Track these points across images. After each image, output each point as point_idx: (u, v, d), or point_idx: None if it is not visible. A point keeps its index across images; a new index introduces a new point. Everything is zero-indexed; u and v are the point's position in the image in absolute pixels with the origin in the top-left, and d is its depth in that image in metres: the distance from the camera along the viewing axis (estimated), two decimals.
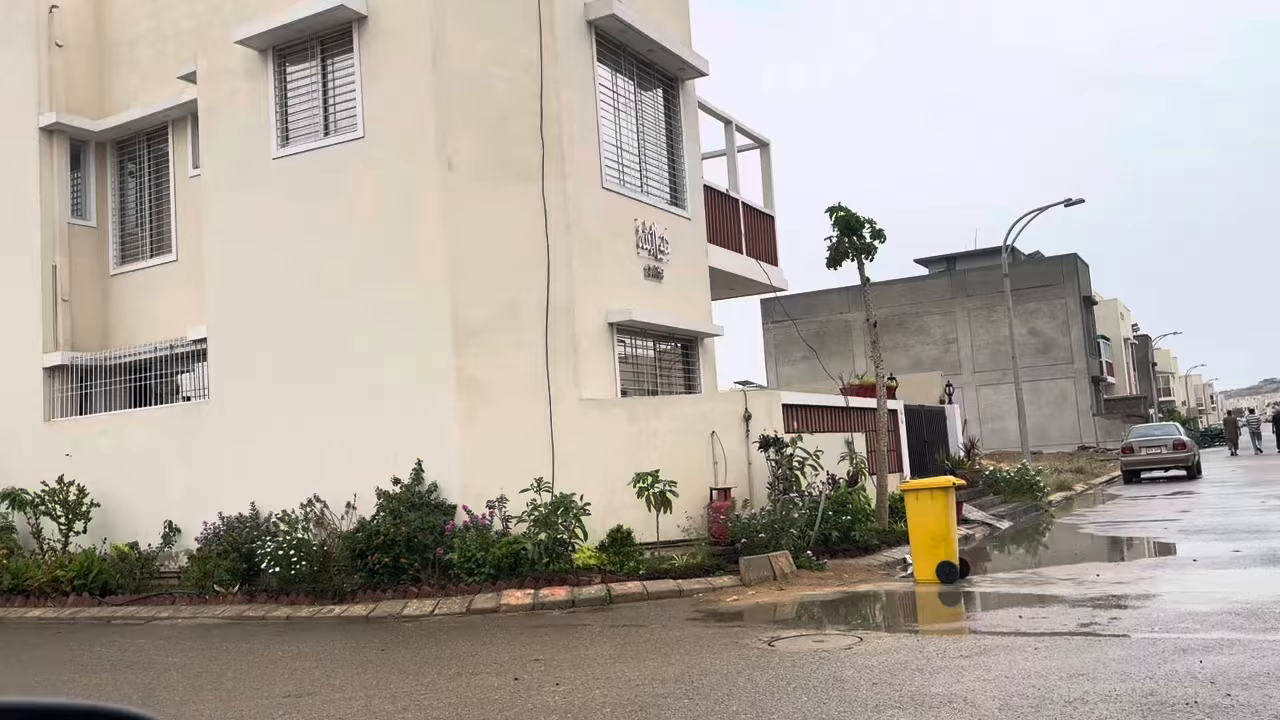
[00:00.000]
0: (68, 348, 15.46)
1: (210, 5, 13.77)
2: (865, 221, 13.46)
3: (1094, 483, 28.02)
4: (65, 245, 15.75)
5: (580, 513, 10.94)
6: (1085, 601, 8.66)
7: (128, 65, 16.38)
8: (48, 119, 15.58)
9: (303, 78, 13.16)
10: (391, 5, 12.44)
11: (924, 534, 10.40)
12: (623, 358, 13.13)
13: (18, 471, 14.60)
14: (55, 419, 15.35)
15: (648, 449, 11.96)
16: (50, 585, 12.91)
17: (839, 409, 14.47)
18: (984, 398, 48.84)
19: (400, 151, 12.31)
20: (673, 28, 14.77)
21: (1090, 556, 12.33)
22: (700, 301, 14.84)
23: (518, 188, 12.17)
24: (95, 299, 16.12)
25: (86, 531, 13.79)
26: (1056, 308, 50.02)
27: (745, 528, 11.18)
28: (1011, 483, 19.99)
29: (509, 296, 12.08)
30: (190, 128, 15.22)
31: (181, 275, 15.28)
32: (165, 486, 13.70)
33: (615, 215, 13.15)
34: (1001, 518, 17.08)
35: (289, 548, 11.27)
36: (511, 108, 12.26)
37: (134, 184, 16.56)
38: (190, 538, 12.80)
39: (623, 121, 13.79)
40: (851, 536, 12.17)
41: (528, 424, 11.86)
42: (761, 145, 18.24)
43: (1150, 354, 73.86)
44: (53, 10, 15.93)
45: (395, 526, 11.00)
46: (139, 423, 14.54)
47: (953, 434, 21.05)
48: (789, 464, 11.87)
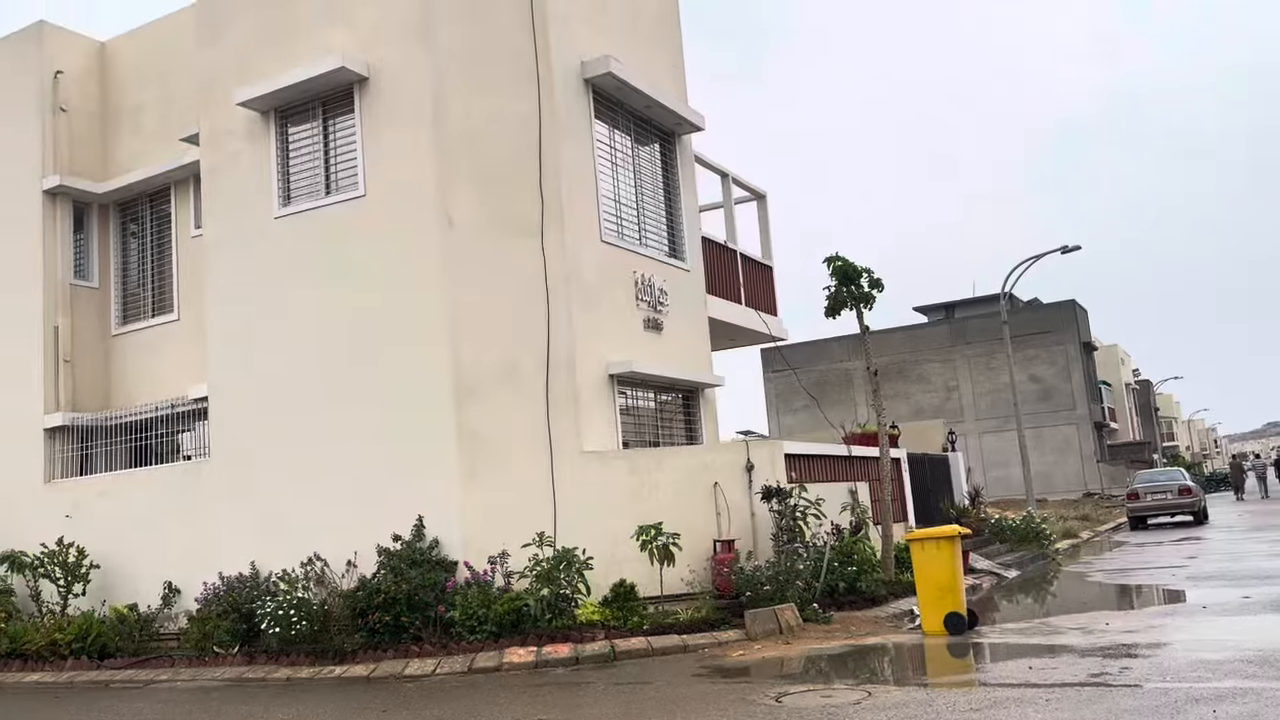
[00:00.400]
0: (69, 408, 15.46)
1: (213, 69, 13.98)
2: (863, 271, 13.51)
3: (1100, 529, 27.81)
4: (67, 306, 15.83)
5: (583, 567, 10.85)
6: (1095, 651, 8.55)
7: (131, 128, 16.59)
8: (51, 182, 15.74)
9: (304, 138, 13.32)
10: (391, 66, 12.63)
11: (931, 584, 10.30)
12: (624, 409, 13.12)
13: (17, 534, 14.51)
14: (55, 480, 15.30)
15: (650, 501, 11.89)
16: (48, 649, 12.76)
17: (842, 458, 14.41)
18: (987, 445, 48.70)
19: (401, 209, 12.42)
20: (668, 84, 14.98)
21: (1099, 605, 12.20)
22: (700, 352, 14.86)
23: (517, 242, 12.25)
24: (97, 359, 16.16)
25: (86, 593, 13.67)
26: (1056, 354, 50.09)
27: (750, 580, 11.07)
28: (1017, 531, 19.84)
29: (509, 350, 12.10)
30: (193, 188, 15.37)
31: (183, 334, 15.33)
32: (165, 547, 13.60)
33: (614, 268, 13.23)
34: (1008, 566, 16.93)
35: (289, 607, 11.15)
36: (511, 164, 12.39)
37: (136, 245, 16.68)
38: (190, 598, 12.68)
39: (621, 176, 13.93)
40: (858, 588, 12.04)
41: (529, 478, 11.81)
42: (758, 197, 18.40)
43: (1152, 399, 73.82)
44: (58, 76, 16.18)
45: (396, 584, 10.90)
46: (139, 483, 14.49)
47: (957, 482, 20.95)
48: (792, 514, 11.79)
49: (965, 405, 50.55)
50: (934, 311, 56.72)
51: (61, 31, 16.57)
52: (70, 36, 16.65)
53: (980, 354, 50.30)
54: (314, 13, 13.20)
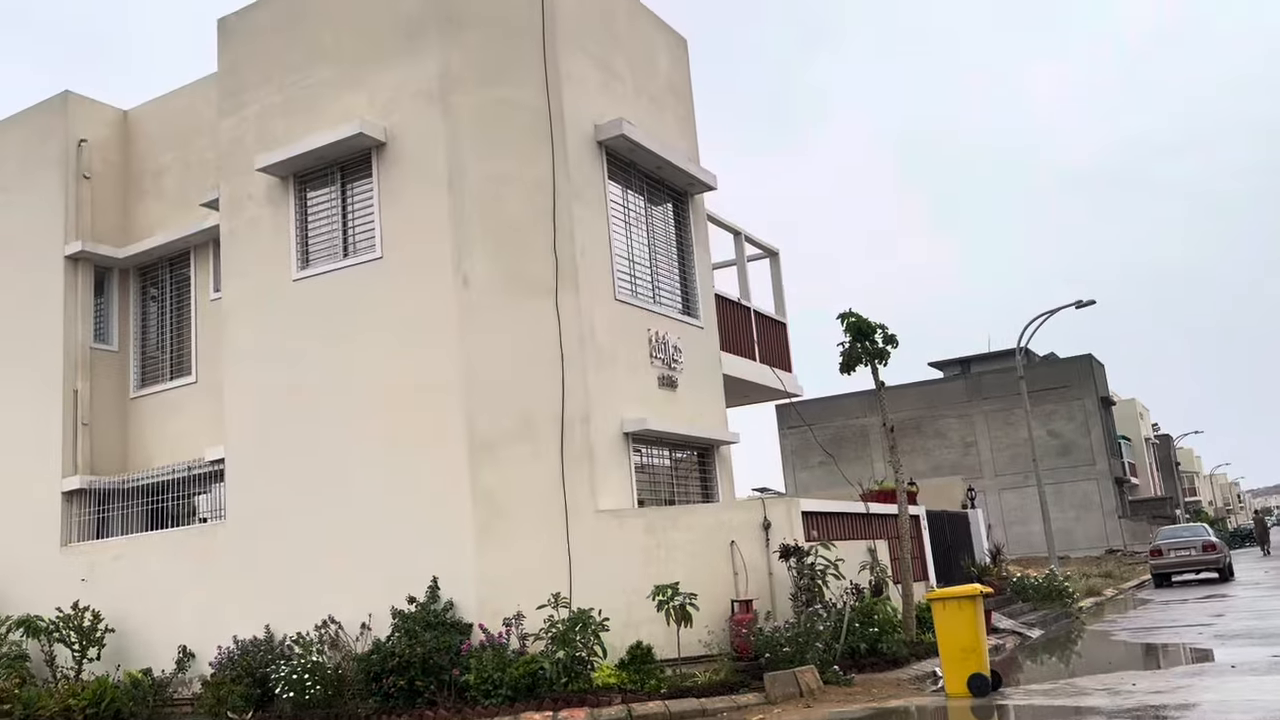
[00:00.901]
0: (86, 471, 15.51)
1: (233, 135, 14.25)
2: (877, 327, 13.53)
3: (1124, 587, 27.37)
4: (87, 369, 15.97)
5: (599, 629, 10.73)
6: (1123, 713, 8.37)
7: (153, 194, 16.88)
8: (73, 248, 15.99)
9: (322, 202, 13.52)
10: (409, 131, 12.85)
11: (953, 645, 10.13)
12: (639, 467, 13.08)
13: (33, 598, 14.47)
14: (72, 543, 15.30)
15: (666, 561, 11.79)
16: (62, 715, 12.63)
17: (860, 516, 14.29)
18: (1006, 501, 48.20)
19: (417, 270, 12.54)
20: (680, 144, 15.17)
21: (1125, 665, 11.96)
22: (715, 409, 14.84)
23: (532, 302, 12.34)
24: (115, 422, 16.25)
25: (100, 658, 13.58)
26: (1074, 409, 49.77)
27: (769, 641, 10.92)
28: (1040, 589, 19.56)
29: (524, 409, 12.11)
30: (212, 252, 15.58)
31: (201, 396, 15.42)
32: (180, 610, 13.54)
33: (629, 326, 13.28)
34: (1032, 626, 16.65)
35: (303, 672, 11.05)
36: (525, 225, 12.52)
37: (155, 308, 16.87)
38: (204, 662, 12.59)
39: (634, 235, 14.05)
40: (879, 649, 11.85)
41: (544, 537, 11.74)
42: (771, 254, 18.50)
43: (1173, 453, 73.07)
44: (82, 144, 16.52)
45: (411, 647, 10.80)
46: (154, 545, 14.47)
47: (977, 539, 20.71)
48: (811, 574, 11.66)
49: (984, 461, 50.14)
50: (950, 367, 56.56)
51: (85, 101, 16.94)
52: (94, 106, 17.03)
53: (997, 409, 50.02)
54: (333, 80, 13.48)
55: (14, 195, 16.82)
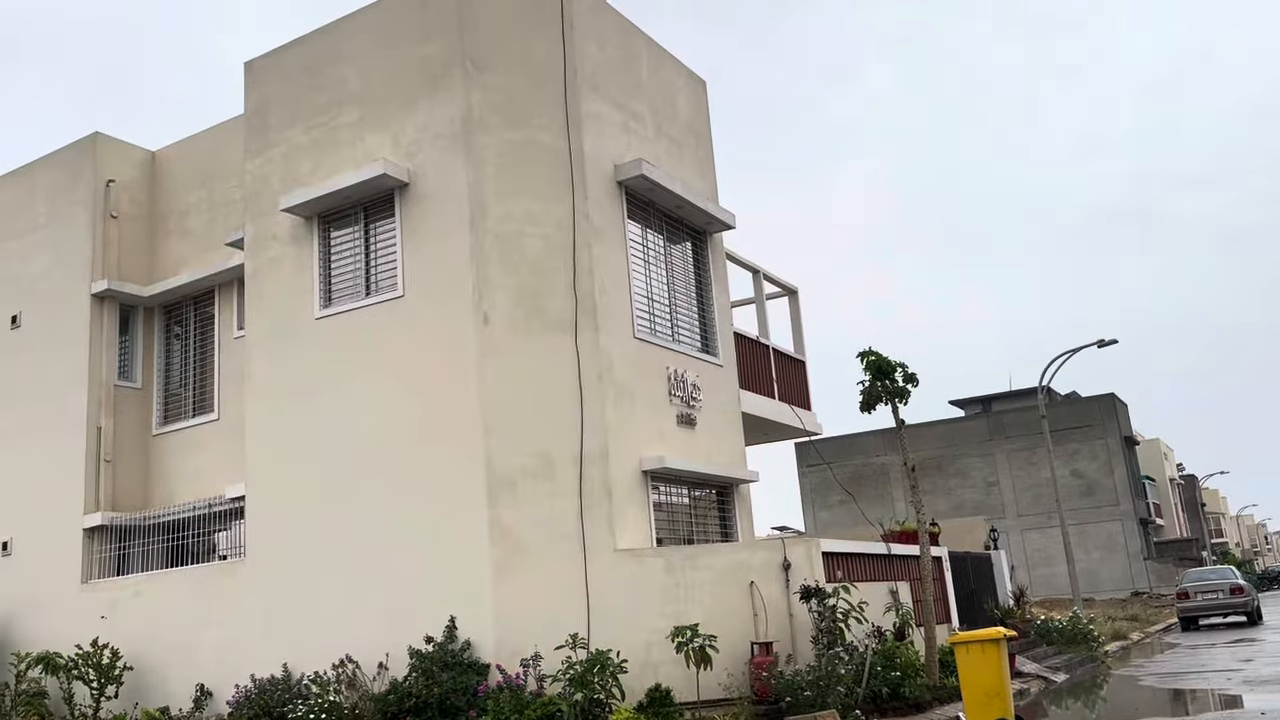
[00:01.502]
0: (108, 508, 15.60)
1: (259, 176, 14.45)
2: (897, 365, 13.47)
3: (1150, 630, 26.92)
4: (111, 407, 16.11)
5: (617, 670, 10.63)
6: None
7: (178, 233, 17.11)
8: (100, 286, 16.20)
9: (345, 241, 13.66)
10: (431, 172, 13.00)
11: (977, 690, 9.97)
12: (657, 505, 13.03)
13: (53, 635, 14.51)
14: (92, 580, 15.36)
15: (685, 600, 11.70)
16: None
17: (881, 556, 14.14)
18: (1030, 542, 47.65)
19: (438, 308, 12.63)
20: (699, 184, 15.27)
21: (1152, 711, 11.74)
22: (734, 447, 14.79)
23: (552, 340, 12.38)
24: (137, 459, 16.35)
25: (118, 696, 13.57)
26: (1098, 448, 49.28)
27: (789, 685, 10.78)
28: (1065, 632, 19.26)
29: (543, 446, 12.11)
30: (236, 291, 15.74)
31: (223, 434, 15.51)
32: (198, 648, 13.53)
33: (647, 364, 13.30)
34: (1056, 670, 16.38)
35: (320, 712, 11.00)
36: (546, 264, 12.60)
37: (179, 346, 17.04)
38: (222, 701, 12.56)
39: (653, 273, 14.11)
40: (901, 693, 11.67)
41: (562, 576, 11.69)
42: (790, 292, 18.52)
43: (1198, 494, 72.12)
44: (110, 184, 16.79)
45: (428, 688, 10.75)
46: (174, 583, 14.50)
47: (1000, 581, 20.44)
48: (832, 615, 11.52)
49: (1006, 501, 49.64)
50: (971, 405, 56.19)
51: (114, 142, 17.25)
52: (122, 146, 17.33)
53: (1020, 448, 49.59)
54: (358, 122, 13.68)
55: (43, 234, 17.09)
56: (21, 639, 15.04)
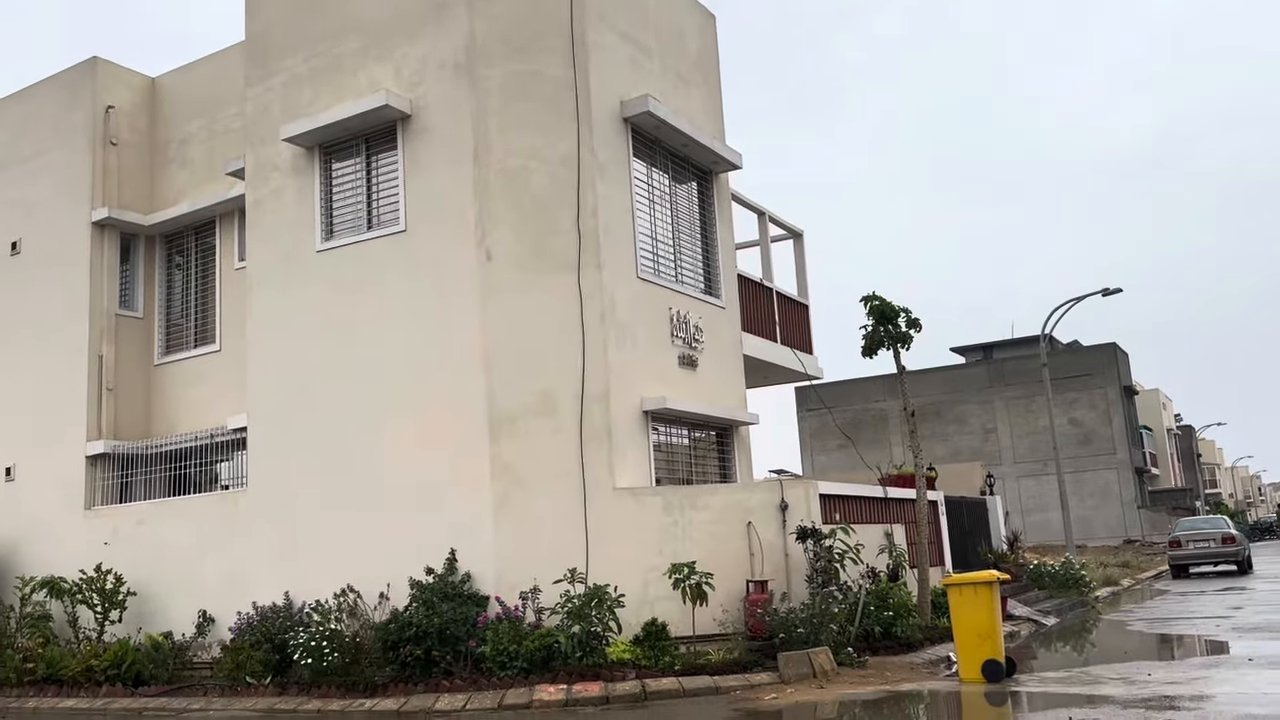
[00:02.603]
0: (110, 436, 15.68)
1: (260, 105, 14.27)
2: (900, 310, 13.45)
3: (1141, 577, 27.25)
4: (112, 336, 16.11)
5: (614, 605, 10.78)
6: (1137, 702, 8.35)
7: (178, 162, 16.95)
8: (100, 214, 16.09)
9: (347, 173, 13.54)
10: (434, 104, 12.83)
11: (968, 631, 10.12)
12: (657, 446, 13.09)
13: (57, 559, 14.69)
14: (95, 507, 15.49)
15: (683, 539, 11.82)
16: (84, 675, 12.86)
17: (878, 500, 14.26)
18: (1025, 489, 48.02)
19: (441, 244, 12.56)
20: (706, 122, 15.08)
21: (1140, 655, 11.92)
22: (735, 390, 14.82)
23: (554, 278, 12.33)
24: (139, 388, 16.40)
25: (122, 620, 13.78)
26: (1096, 397, 49.43)
27: (783, 622, 10.94)
28: (1056, 577, 19.50)
29: (544, 384, 12.14)
30: (237, 222, 15.64)
31: (224, 365, 15.53)
32: (201, 575, 13.70)
33: (650, 304, 13.26)
34: (1047, 614, 16.61)
35: (321, 639, 11.16)
36: (549, 201, 12.50)
37: (180, 276, 16.98)
38: (224, 627, 12.74)
39: (658, 213, 14.00)
40: (893, 632, 11.86)
41: (562, 512, 11.79)
42: (795, 235, 18.40)
43: (1194, 445, 72.49)
44: (109, 110, 16.59)
45: (428, 618, 10.89)
46: (176, 511, 14.63)
47: (994, 526, 20.63)
48: (828, 556, 11.66)
49: (1003, 448, 49.92)
50: (972, 352, 56.22)
51: (113, 67, 17.00)
52: (122, 72, 17.09)
53: (1019, 396, 49.74)
54: (359, 50, 13.47)
55: (44, 159, 16.92)
56: (26, 563, 15.24)
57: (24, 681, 13.29)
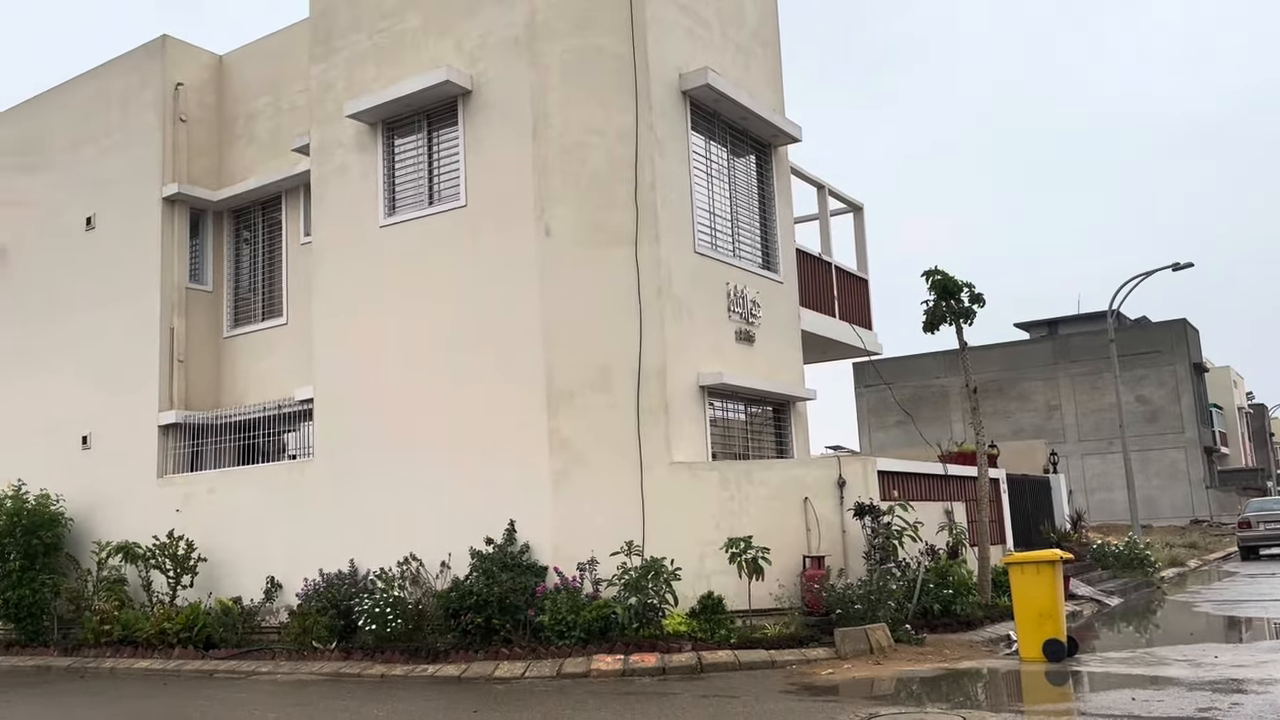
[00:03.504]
0: (181, 406, 16.12)
1: (323, 81, 14.46)
2: (964, 285, 13.25)
3: (1208, 558, 26.66)
4: (183, 308, 16.52)
5: (671, 578, 10.86)
6: (1203, 685, 8.21)
7: (245, 138, 17.26)
8: (170, 190, 16.47)
9: (409, 149, 13.68)
10: (494, 80, 12.89)
11: (1029, 610, 10.02)
12: (713, 421, 13.10)
13: (131, 525, 15.19)
14: (168, 475, 15.96)
15: (739, 514, 11.85)
16: (158, 637, 13.34)
17: (937, 477, 14.13)
18: (1090, 467, 47.15)
19: (500, 219, 12.66)
20: (766, 95, 14.94)
21: (1207, 637, 11.70)
22: (792, 365, 14.75)
23: (612, 252, 12.36)
24: (209, 360, 16.82)
25: (193, 585, 14.23)
26: (1165, 375, 48.23)
27: (840, 598, 10.93)
28: (1121, 557, 19.17)
29: (602, 359, 12.20)
30: (302, 197, 15.91)
31: (291, 338, 15.86)
32: (269, 542, 14.07)
33: (707, 279, 13.24)
34: (1110, 594, 16.36)
35: (385, 606, 11.43)
36: (607, 175, 12.51)
37: (248, 250, 17.33)
38: (291, 593, 13.09)
39: (715, 187, 13.94)
40: (952, 610, 11.78)
41: (619, 486, 11.88)
42: (855, 209, 18.19)
43: (1267, 424, 70.43)
44: (178, 88, 16.93)
45: (488, 587, 11.09)
46: (246, 480, 15.02)
47: (1058, 505, 20.32)
48: (886, 533, 11.60)
49: (1067, 426, 49.00)
50: (1036, 328, 55.16)
51: (182, 45, 17.33)
52: (190, 49, 17.42)
53: (1085, 373, 48.73)
54: (421, 28, 13.57)
55: (116, 137, 17.35)
56: (102, 529, 15.78)
57: (101, 642, 13.83)
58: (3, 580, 15.08)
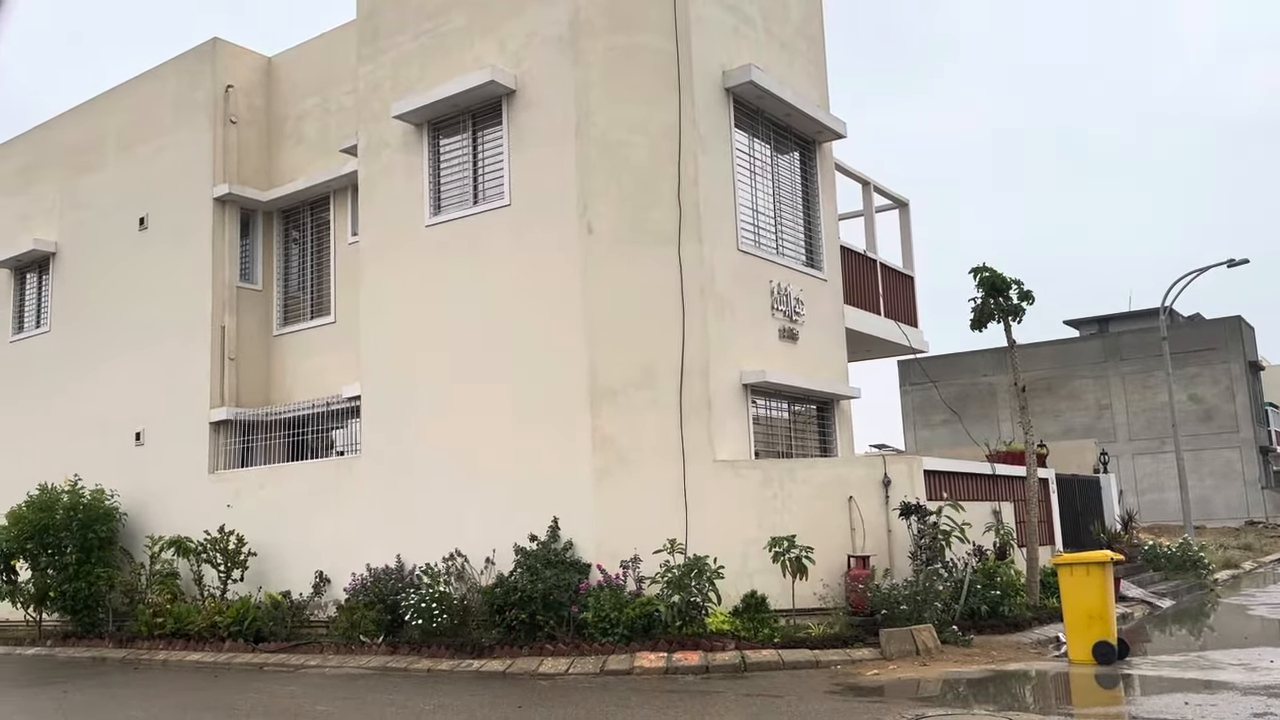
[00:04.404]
0: (232, 403, 16.39)
1: (371, 82, 14.62)
2: (1012, 282, 13.08)
3: (1264, 560, 26.06)
4: (234, 307, 16.80)
5: (714, 576, 10.85)
6: (1259, 690, 8.04)
7: (294, 139, 17.50)
8: (221, 190, 16.75)
9: (454, 149, 13.79)
10: (538, 79, 12.95)
11: (1079, 611, 9.87)
12: (756, 419, 13.06)
13: (183, 520, 15.48)
14: (219, 471, 16.24)
15: (782, 513, 11.79)
16: (209, 630, 13.58)
17: (985, 476, 13.96)
18: (1141, 467, 46.30)
19: (544, 217, 12.71)
20: (810, 91, 14.85)
21: (1262, 641, 11.45)
22: (836, 363, 14.66)
23: (655, 250, 12.37)
24: (259, 358, 17.08)
25: (244, 579, 14.46)
26: (1219, 373, 47.21)
27: (885, 598, 10.85)
28: (1173, 559, 18.81)
29: (644, 357, 12.21)
30: (350, 197, 16.10)
31: (338, 336, 16.05)
32: (317, 537, 14.26)
33: (750, 277, 13.19)
34: (1162, 596, 16.05)
35: (431, 601, 11.54)
36: (650, 173, 12.52)
37: (297, 250, 17.58)
38: (339, 588, 13.26)
39: (759, 184, 13.89)
40: (1000, 611, 11.64)
41: (661, 484, 11.88)
42: (900, 205, 18.03)
43: None
44: (229, 90, 17.21)
45: (532, 583, 11.15)
46: (294, 475, 15.24)
47: (1108, 505, 19.98)
48: (933, 533, 11.49)
49: (1118, 425, 48.16)
50: (1086, 326, 54.24)
51: (232, 47, 17.61)
52: (240, 52, 17.69)
53: (1136, 371, 47.85)
54: (466, 28, 13.66)
55: (168, 138, 17.68)
56: (155, 523, 16.09)
57: (154, 635, 14.11)
58: (60, 573, 15.45)
